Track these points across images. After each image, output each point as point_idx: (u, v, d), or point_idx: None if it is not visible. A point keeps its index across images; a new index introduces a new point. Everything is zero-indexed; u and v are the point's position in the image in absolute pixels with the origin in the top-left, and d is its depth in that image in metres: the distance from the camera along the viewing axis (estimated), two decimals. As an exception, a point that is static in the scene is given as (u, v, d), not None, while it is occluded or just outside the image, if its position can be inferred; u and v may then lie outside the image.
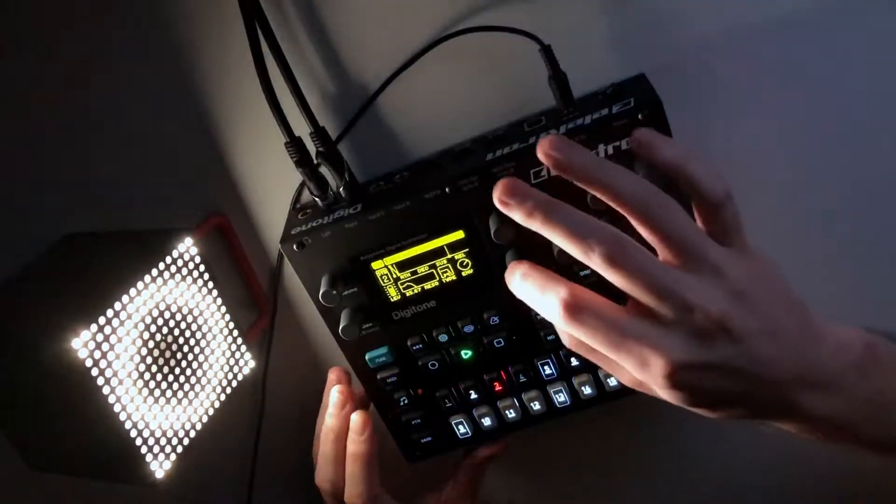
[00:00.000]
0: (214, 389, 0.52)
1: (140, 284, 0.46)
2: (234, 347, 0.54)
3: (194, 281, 0.51)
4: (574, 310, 0.40)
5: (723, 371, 0.39)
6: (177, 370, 0.49)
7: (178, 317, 0.49)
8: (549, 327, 0.51)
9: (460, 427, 0.56)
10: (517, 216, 0.41)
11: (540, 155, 0.41)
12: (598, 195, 0.41)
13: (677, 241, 0.40)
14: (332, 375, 0.57)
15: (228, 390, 0.53)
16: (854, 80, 0.49)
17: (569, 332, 0.41)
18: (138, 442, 0.46)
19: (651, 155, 0.42)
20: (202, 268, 0.51)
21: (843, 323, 0.44)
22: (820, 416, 0.42)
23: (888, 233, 0.54)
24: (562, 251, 0.41)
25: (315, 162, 0.50)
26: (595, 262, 0.39)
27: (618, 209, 0.40)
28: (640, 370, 0.39)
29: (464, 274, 0.50)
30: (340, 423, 0.55)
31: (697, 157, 0.41)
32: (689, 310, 0.39)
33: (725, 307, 0.39)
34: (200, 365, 0.51)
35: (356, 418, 0.54)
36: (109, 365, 0.44)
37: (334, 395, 0.55)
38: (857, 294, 0.54)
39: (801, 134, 0.51)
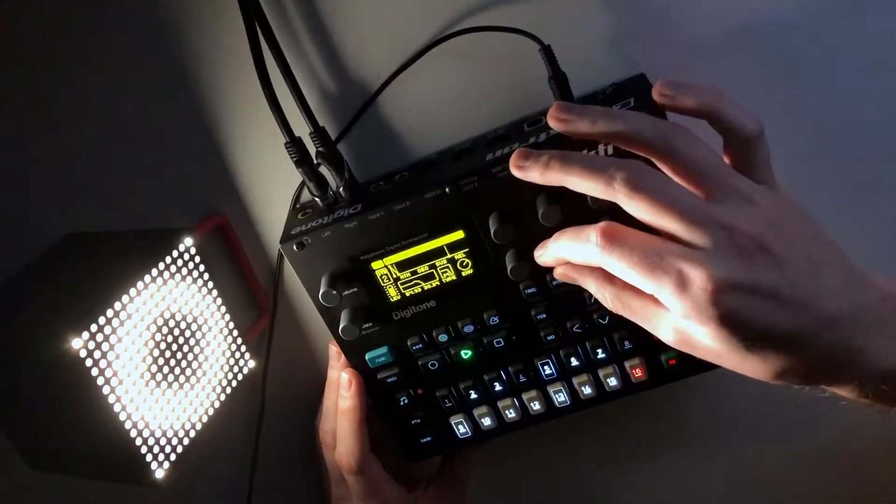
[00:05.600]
0: (214, 389, 0.52)
1: (140, 284, 0.46)
2: (234, 347, 0.54)
3: (194, 281, 0.51)
4: (611, 234, 0.39)
5: (770, 298, 0.36)
6: (177, 370, 0.49)
7: (178, 317, 0.49)
8: (548, 327, 0.51)
9: (460, 427, 0.56)
10: (535, 174, 0.41)
11: (552, 123, 0.41)
12: (618, 143, 0.40)
13: (706, 172, 0.39)
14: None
15: (228, 390, 0.53)
16: (854, 80, 0.49)
17: (606, 262, 0.39)
18: (138, 442, 0.46)
19: (679, 101, 0.41)
20: (202, 268, 0.51)
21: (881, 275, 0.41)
22: (885, 368, 0.39)
23: (889, 233, 0.54)
24: (595, 198, 0.41)
25: (315, 162, 0.50)
26: (619, 191, 0.38)
27: (640, 152, 0.40)
28: (680, 292, 0.37)
29: (464, 274, 0.50)
30: (339, 375, 0.55)
31: (727, 95, 0.40)
32: (726, 229, 0.37)
33: (762, 228, 0.37)
34: (200, 365, 0.51)
35: (344, 375, 0.54)
36: (109, 365, 0.44)
37: (332, 349, 0.56)
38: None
39: (801, 134, 0.51)
